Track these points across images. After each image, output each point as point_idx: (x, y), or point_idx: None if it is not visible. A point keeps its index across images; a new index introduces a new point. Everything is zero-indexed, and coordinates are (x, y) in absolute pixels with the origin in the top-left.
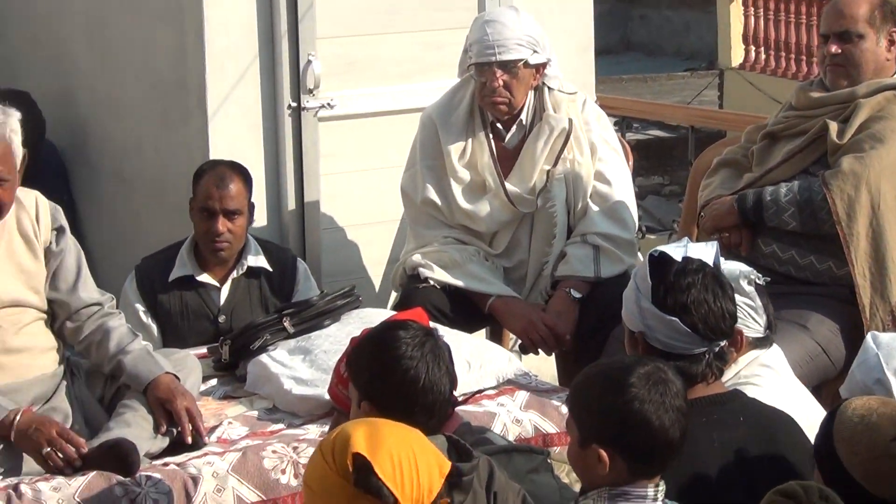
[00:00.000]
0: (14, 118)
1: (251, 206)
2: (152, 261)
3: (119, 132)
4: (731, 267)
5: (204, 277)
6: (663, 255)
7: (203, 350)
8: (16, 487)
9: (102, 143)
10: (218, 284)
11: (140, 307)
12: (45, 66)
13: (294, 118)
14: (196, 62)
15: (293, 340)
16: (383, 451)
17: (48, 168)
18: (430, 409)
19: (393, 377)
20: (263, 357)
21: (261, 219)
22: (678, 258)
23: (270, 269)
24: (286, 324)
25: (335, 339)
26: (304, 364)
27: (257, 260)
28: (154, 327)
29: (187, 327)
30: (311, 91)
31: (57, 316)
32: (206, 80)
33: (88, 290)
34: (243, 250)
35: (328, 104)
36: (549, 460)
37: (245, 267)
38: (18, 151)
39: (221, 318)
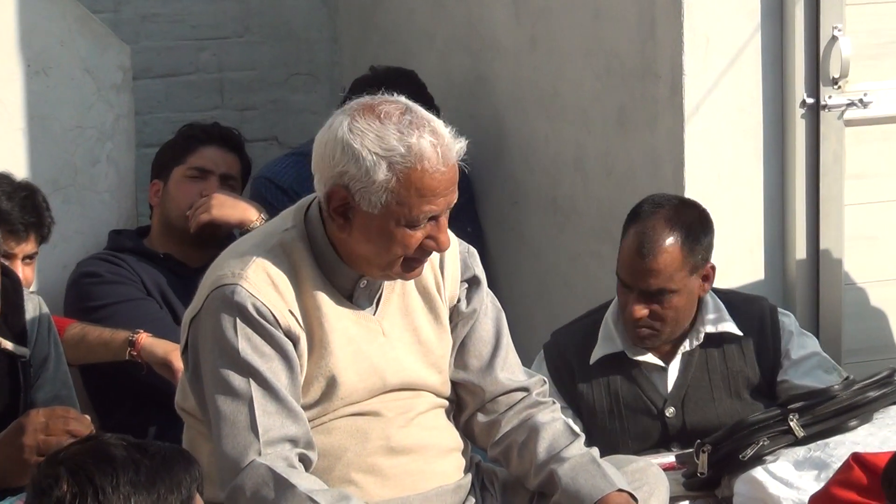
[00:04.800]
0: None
1: (699, 263)
2: (567, 335)
3: (552, 137)
4: None
5: (642, 355)
6: None
7: (670, 459)
8: None
9: (527, 153)
10: (662, 363)
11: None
12: (449, 42)
13: (809, 120)
14: (669, 40)
15: (802, 448)
16: None
17: None
18: None
19: None
20: (758, 471)
21: (755, 270)
22: None
23: (739, 333)
24: (792, 423)
25: (864, 446)
26: (817, 483)
27: (719, 325)
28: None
29: (621, 428)
30: (835, 82)
31: (464, 404)
32: (684, 64)
33: (510, 368)
34: (699, 312)
35: (860, 101)
36: None
37: (701, 336)
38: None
39: (669, 412)
